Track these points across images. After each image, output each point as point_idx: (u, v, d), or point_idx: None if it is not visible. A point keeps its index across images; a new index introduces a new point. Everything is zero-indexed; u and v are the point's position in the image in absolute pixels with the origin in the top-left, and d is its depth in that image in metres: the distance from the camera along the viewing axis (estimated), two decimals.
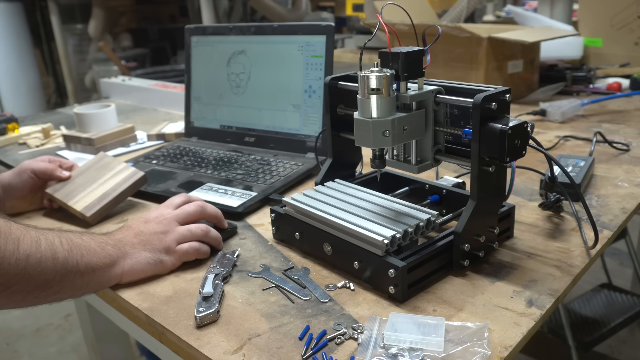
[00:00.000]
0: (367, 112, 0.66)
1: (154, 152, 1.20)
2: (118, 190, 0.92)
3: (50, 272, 0.60)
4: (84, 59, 4.11)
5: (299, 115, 1.11)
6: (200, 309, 0.62)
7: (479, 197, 0.66)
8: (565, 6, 1.99)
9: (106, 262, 0.67)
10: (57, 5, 3.90)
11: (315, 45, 1.08)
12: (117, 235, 0.72)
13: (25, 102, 4.04)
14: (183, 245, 0.73)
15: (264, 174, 1.01)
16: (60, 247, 0.62)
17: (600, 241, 0.73)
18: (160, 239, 0.72)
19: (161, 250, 0.72)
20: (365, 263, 0.66)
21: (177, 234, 0.73)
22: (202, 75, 1.26)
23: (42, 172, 0.92)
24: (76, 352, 2.15)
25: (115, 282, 0.69)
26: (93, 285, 0.67)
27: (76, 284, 0.64)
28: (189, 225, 0.75)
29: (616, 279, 2.17)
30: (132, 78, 2.07)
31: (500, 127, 0.62)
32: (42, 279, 0.60)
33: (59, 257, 0.61)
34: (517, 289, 0.65)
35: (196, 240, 0.75)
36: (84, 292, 0.67)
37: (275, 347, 0.57)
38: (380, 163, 0.71)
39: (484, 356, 0.54)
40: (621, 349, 2.01)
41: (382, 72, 0.65)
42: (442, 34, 0.69)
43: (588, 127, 1.27)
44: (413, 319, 0.59)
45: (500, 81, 1.48)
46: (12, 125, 1.44)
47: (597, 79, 1.65)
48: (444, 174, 0.92)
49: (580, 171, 0.91)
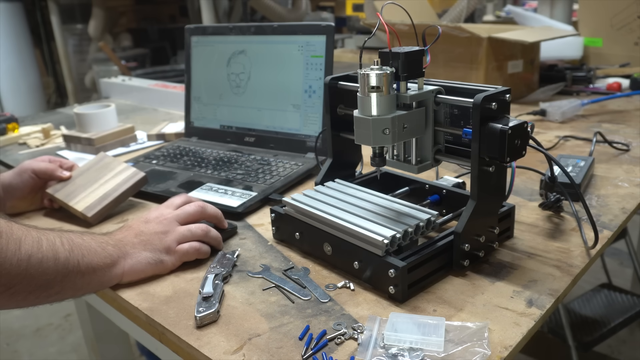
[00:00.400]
0: (367, 110, 0.66)
1: (154, 152, 1.20)
2: (119, 190, 0.92)
3: (52, 273, 0.60)
4: (84, 59, 4.11)
5: (299, 115, 1.11)
6: (200, 309, 0.62)
7: (479, 197, 0.66)
8: (565, 6, 1.99)
9: (107, 262, 0.67)
10: (57, 5, 3.90)
11: (315, 45, 1.08)
12: (118, 235, 0.72)
13: (25, 102, 4.04)
14: (183, 245, 0.73)
15: (264, 174, 1.01)
16: (62, 247, 0.62)
17: (600, 241, 0.73)
18: (160, 239, 0.72)
19: (162, 250, 0.72)
20: (365, 263, 0.66)
21: (177, 234, 0.73)
22: (202, 75, 1.26)
23: (42, 172, 0.92)
24: (76, 352, 2.15)
25: (116, 282, 0.69)
26: (94, 285, 0.67)
27: (77, 284, 0.64)
28: (189, 226, 0.75)
29: (616, 279, 2.17)
30: (132, 78, 2.07)
31: (500, 127, 0.62)
32: (44, 279, 0.60)
33: (60, 258, 0.61)
34: (517, 289, 0.65)
35: (196, 240, 0.75)
36: (84, 292, 0.67)
37: (275, 347, 0.57)
38: (380, 161, 0.71)
39: (484, 356, 0.54)
40: (621, 349, 2.01)
41: (382, 70, 0.65)
42: (442, 34, 0.69)
43: (588, 127, 1.27)
44: (413, 319, 0.59)
45: (500, 81, 1.48)
46: (12, 125, 1.44)
47: (597, 79, 1.65)
48: (444, 174, 0.92)
49: (580, 171, 0.91)
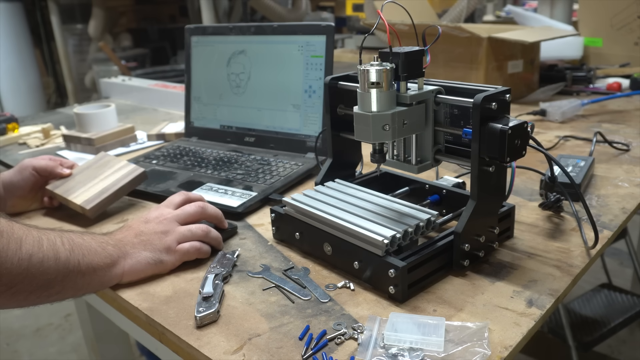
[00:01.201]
0: (367, 106, 0.66)
1: (154, 152, 1.20)
2: (118, 185, 0.92)
3: (53, 272, 0.60)
4: (84, 59, 4.11)
5: (299, 115, 1.11)
6: (200, 309, 0.62)
7: (479, 197, 0.66)
8: (565, 6, 1.99)
9: (107, 262, 0.67)
10: (57, 5, 3.90)
11: (315, 45, 1.08)
12: (118, 235, 0.72)
13: (25, 102, 4.04)
14: (184, 245, 0.73)
15: (264, 174, 1.01)
16: (62, 247, 0.62)
17: (600, 241, 0.73)
18: (160, 239, 0.72)
19: (162, 250, 0.72)
20: (365, 263, 0.66)
21: (177, 234, 0.73)
22: (202, 75, 1.26)
23: (43, 169, 0.92)
24: (76, 352, 2.15)
25: (116, 282, 0.69)
26: (94, 285, 0.67)
27: (78, 284, 0.64)
28: (189, 226, 0.75)
29: (616, 279, 2.17)
30: (132, 78, 2.07)
31: (500, 127, 0.62)
32: (44, 278, 0.60)
33: (60, 257, 0.61)
34: (517, 289, 0.65)
35: (197, 240, 0.75)
36: (85, 292, 0.67)
37: (275, 347, 0.57)
38: (380, 158, 0.71)
39: (484, 356, 0.54)
40: (621, 349, 2.01)
41: (382, 66, 0.65)
42: (442, 34, 0.69)
43: (588, 127, 1.27)
44: (413, 319, 0.59)
45: (500, 81, 1.48)
46: (12, 125, 1.44)
47: (597, 79, 1.65)
48: (444, 174, 0.92)
49: (580, 171, 0.91)
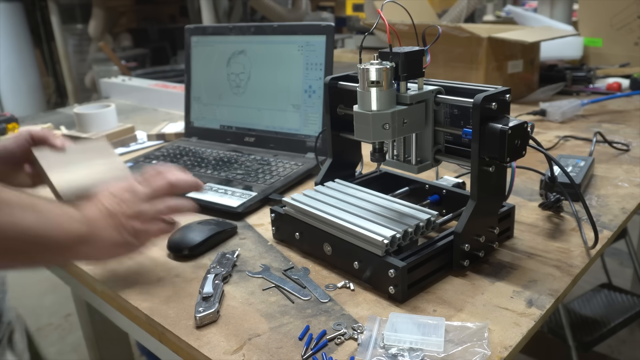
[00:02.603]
0: (367, 105, 0.66)
1: (154, 152, 1.20)
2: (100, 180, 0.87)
3: (16, 241, 0.59)
4: (84, 59, 4.11)
5: (298, 115, 1.11)
6: (200, 309, 0.62)
7: (479, 197, 0.66)
8: (565, 6, 1.99)
9: (73, 238, 0.64)
10: (57, 5, 3.90)
11: (315, 45, 1.08)
12: (86, 212, 0.68)
13: (25, 102, 4.04)
14: (151, 227, 0.70)
15: (264, 174, 1.01)
16: (27, 216, 0.60)
17: (600, 241, 0.73)
18: (128, 220, 0.68)
19: (130, 232, 0.68)
20: (365, 263, 0.66)
21: (146, 213, 0.69)
22: (202, 75, 1.26)
23: (38, 136, 0.87)
24: (76, 352, 2.15)
25: (82, 260, 0.70)
26: (58, 260, 0.67)
27: (40, 257, 0.63)
28: (157, 204, 0.70)
29: (616, 279, 2.17)
30: (132, 78, 2.07)
31: (500, 127, 0.62)
32: (5, 245, 0.59)
33: (25, 226, 0.60)
34: (517, 289, 0.65)
35: (168, 212, 0.71)
36: (47, 265, 0.67)
37: (275, 347, 0.57)
38: (380, 157, 0.71)
39: (484, 356, 0.54)
40: (621, 349, 2.01)
41: (381, 65, 0.65)
42: (442, 34, 0.69)
43: (588, 127, 1.27)
44: (413, 319, 0.59)
45: (500, 81, 1.48)
46: (12, 125, 1.44)
47: (597, 79, 1.65)
48: (444, 174, 0.92)
49: (580, 171, 0.91)
